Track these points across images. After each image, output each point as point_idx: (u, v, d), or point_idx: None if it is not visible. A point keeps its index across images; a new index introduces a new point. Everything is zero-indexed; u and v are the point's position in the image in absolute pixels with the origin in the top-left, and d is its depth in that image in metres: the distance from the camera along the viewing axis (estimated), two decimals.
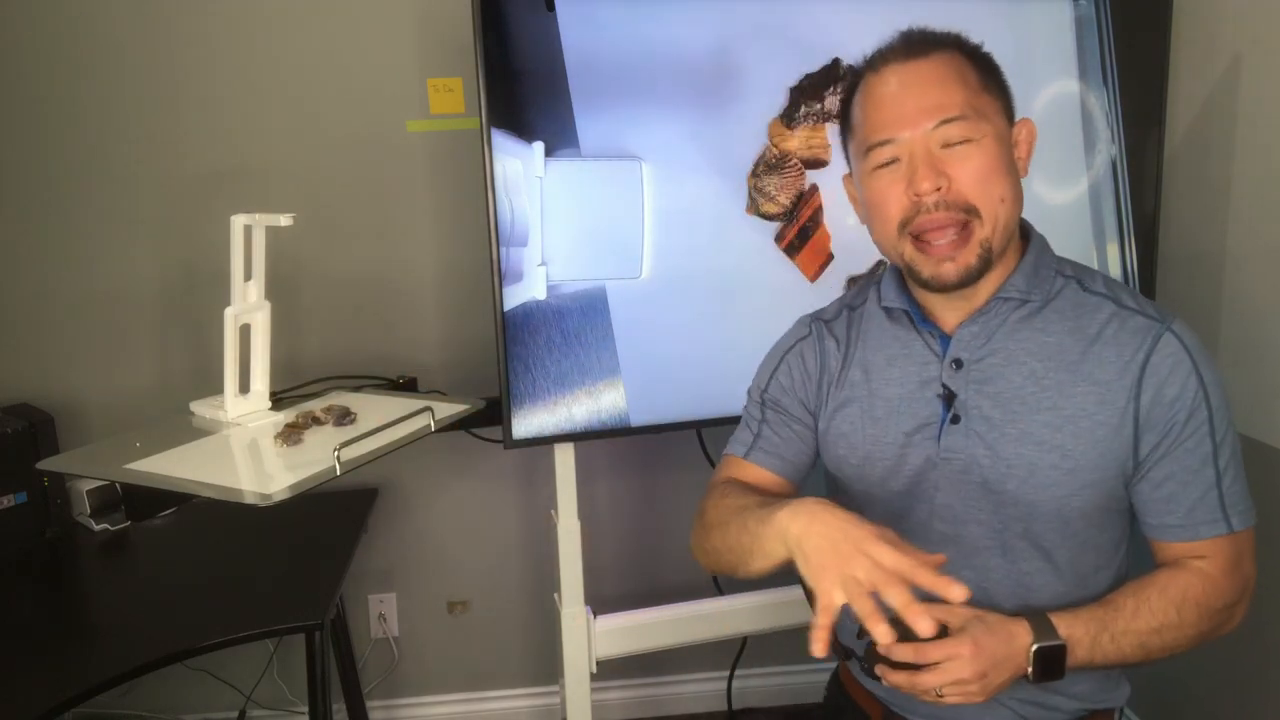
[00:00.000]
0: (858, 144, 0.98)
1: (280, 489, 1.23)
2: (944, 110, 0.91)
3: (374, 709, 2.23)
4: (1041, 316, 0.97)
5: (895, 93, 0.93)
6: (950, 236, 0.92)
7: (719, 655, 2.22)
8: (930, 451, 0.99)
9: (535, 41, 1.54)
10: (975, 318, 0.97)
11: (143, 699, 2.12)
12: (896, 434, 1.01)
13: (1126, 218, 1.83)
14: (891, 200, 0.94)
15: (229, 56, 1.93)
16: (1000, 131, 0.94)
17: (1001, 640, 0.89)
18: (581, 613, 1.81)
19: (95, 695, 1.33)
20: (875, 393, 1.03)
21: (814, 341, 1.11)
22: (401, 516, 2.16)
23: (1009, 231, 0.94)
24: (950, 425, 0.97)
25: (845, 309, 1.12)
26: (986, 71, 0.96)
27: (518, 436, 1.63)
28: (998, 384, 0.96)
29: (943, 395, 0.98)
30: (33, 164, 1.93)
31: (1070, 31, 1.74)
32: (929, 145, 0.91)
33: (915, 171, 0.91)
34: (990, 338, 0.97)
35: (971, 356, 0.97)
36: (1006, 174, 0.93)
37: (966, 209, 0.91)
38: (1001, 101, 0.96)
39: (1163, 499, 0.95)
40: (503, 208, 1.56)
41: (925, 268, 0.94)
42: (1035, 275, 0.97)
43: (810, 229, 1.70)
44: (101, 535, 1.85)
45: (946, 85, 0.92)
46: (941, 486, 0.99)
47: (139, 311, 2.01)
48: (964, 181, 0.91)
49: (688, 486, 2.18)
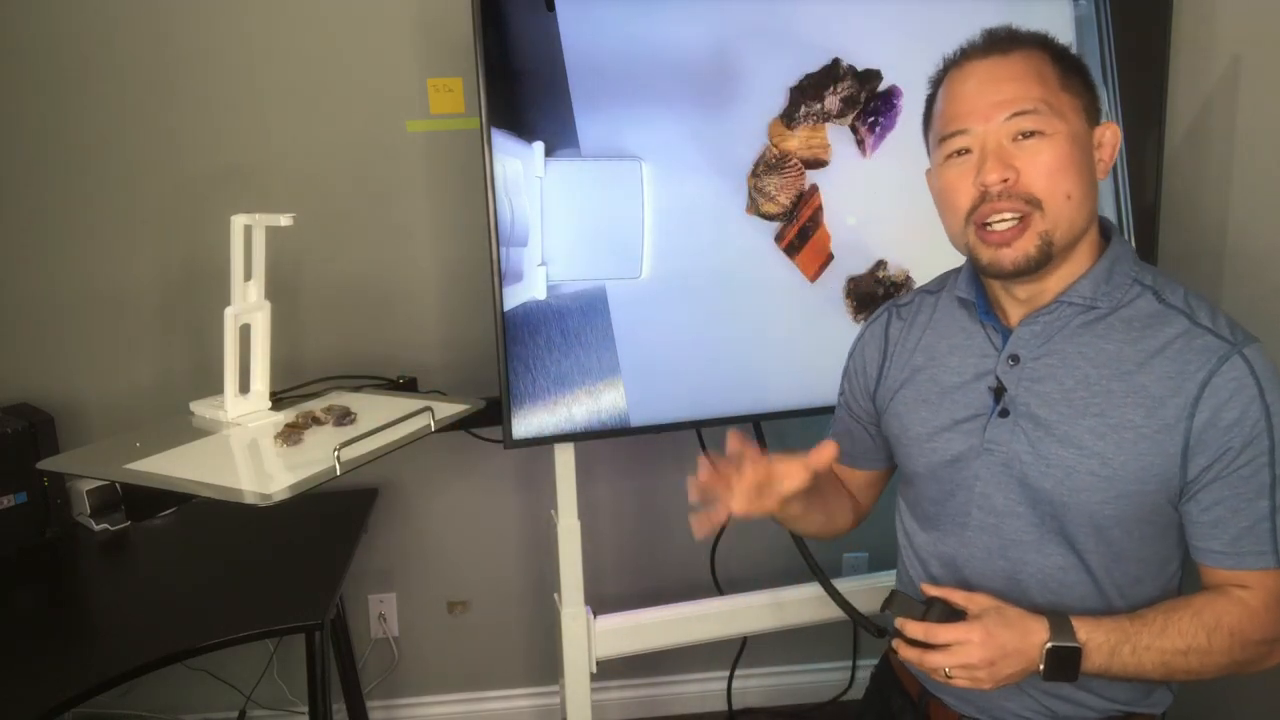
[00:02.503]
0: (934, 135, 1.00)
1: (280, 489, 1.23)
2: (1017, 104, 0.92)
3: (374, 709, 2.23)
4: (1105, 323, 0.97)
5: (973, 86, 0.95)
6: (1009, 223, 0.93)
7: (719, 655, 2.22)
8: (975, 441, 1.01)
9: (535, 41, 1.54)
10: (1037, 316, 0.98)
11: (143, 699, 2.12)
12: (947, 419, 1.03)
13: (1126, 216, 1.83)
14: (960, 190, 0.95)
15: (229, 56, 1.93)
16: (1076, 131, 0.94)
17: (1017, 634, 0.90)
18: (581, 613, 1.81)
19: (95, 695, 1.33)
20: (934, 378, 1.06)
21: (882, 326, 1.16)
22: (401, 516, 2.16)
23: (1075, 229, 0.95)
24: (998, 418, 0.99)
25: (922, 294, 1.15)
26: (1069, 71, 0.97)
27: (518, 436, 1.63)
28: (1049, 384, 0.97)
29: (994, 388, 1.00)
30: (33, 164, 1.93)
31: (1070, 31, 1.74)
32: (1000, 138, 0.93)
33: (984, 163, 0.93)
34: (1050, 338, 0.98)
35: (1029, 354, 0.99)
36: (1078, 172, 0.93)
37: (1029, 200, 0.92)
38: (1083, 101, 0.97)
39: (1209, 523, 0.95)
40: (503, 208, 1.56)
41: (984, 254, 0.95)
42: (1107, 282, 0.97)
43: (810, 229, 1.70)
44: (101, 535, 1.85)
45: (1023, 81, 0.93)
46: (982, 476, 1.01)
47: (139, 311, 2.01)
48: (1031, 174, 0.92)
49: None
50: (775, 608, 1.90)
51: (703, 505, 0.95)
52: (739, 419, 1.73)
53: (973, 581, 1.03)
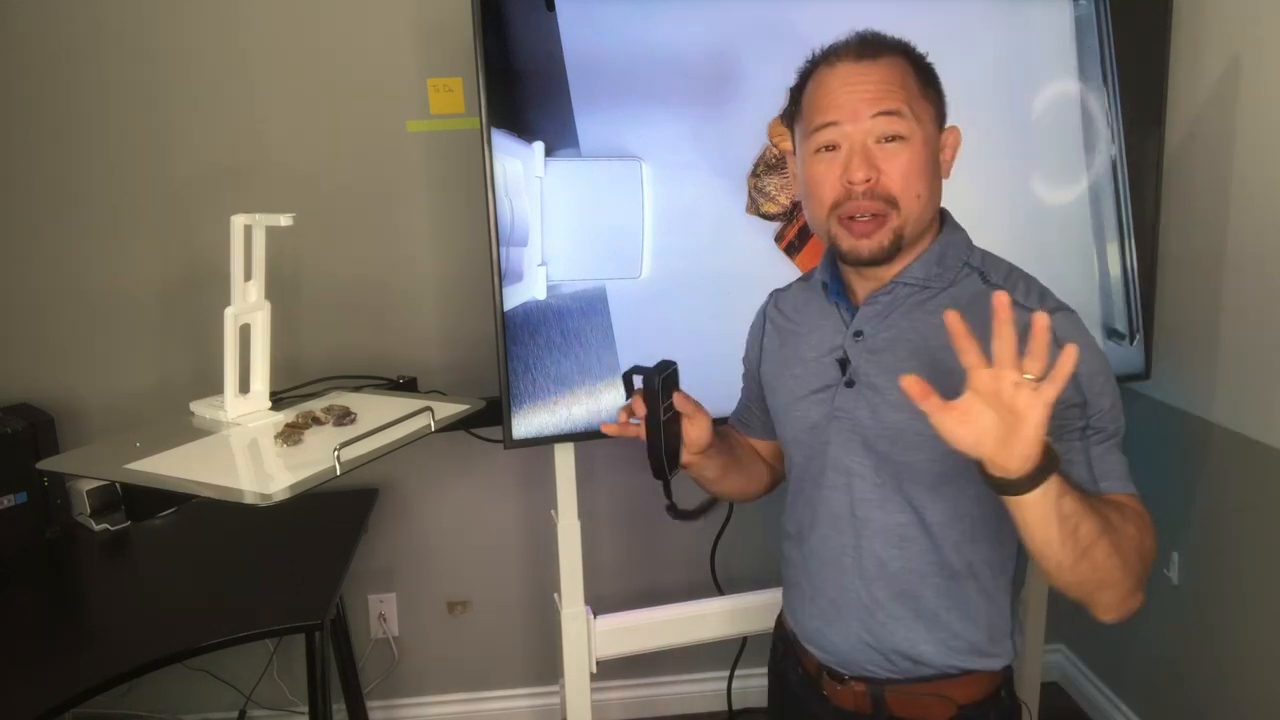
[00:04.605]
0: (804, 125, 1.08)
1: (280, 489, 1.23)
2: (884, 104, 1.02)
3: (374, 709, 2.23)
4: (935, 301, 1.07)
5: (843, 84, 1.04)
6: (869, 218, 1.04)
7: (719, 655, 2.22)
8: (827, 409, 1.11)
9: (535, 41, 1.54)
10: (877, 296, 1.09)
11: (143, 699, 2.12)
12: (805, 389, 1.15)
13: (1126, 218, 1.83)
14: (827, 184, 1.05)
15: (230, 56, 1.93)
16: (929, 136, 1.05)
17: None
18: (581, 613, 1.81)
19: (95, 695, 1.33)
20: (797, 353, 1.18)
21: (763, 310, 1.29)
22: (401, 516, 2.16)
23: (921, 223, 1.06)
24: (844, 388, 1.10)
25: (799, 282, 1.27)
26: (926, 79, 1.07)
27: (518, 436, 1.63)
28: (885, 356, 1.07)
29: (840, 359, 1.11)
30: (33, 164, 1.93)
31: (1070, 31, 1.74)
32: (866, 139, 1.02)
33: (851, 161, 1.02)
34: (888, 315, 1.09)
35: (870, 330, 1.09)
36: (928, 174, 1.05)
37: (888, 200, 1.03)
38: (935, 108, 1.07)
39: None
40: (503, 208, 1.56)
41: (844, 242, 1.06)
42: (939, 264, 1.08)
43: (810, 229, 1.69)
44: (101, 535, 1.85)
45: (890, 85, 1.03)
46: (833, 440, 1.11)
47: (139, 312, 2.01)
48: (891, 176, 1.02)
49: (687, 486, 2.18)
50: (775, 608, 1.90)
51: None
52: None
53: (816, 545, 1.15)
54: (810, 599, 1.17)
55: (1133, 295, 1.86)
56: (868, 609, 1.10)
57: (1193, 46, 1.80)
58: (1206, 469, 1.85)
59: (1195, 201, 1.83)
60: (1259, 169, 1.68)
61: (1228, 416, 1.78)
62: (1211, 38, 1.77)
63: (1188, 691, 1.93)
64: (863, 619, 1.10)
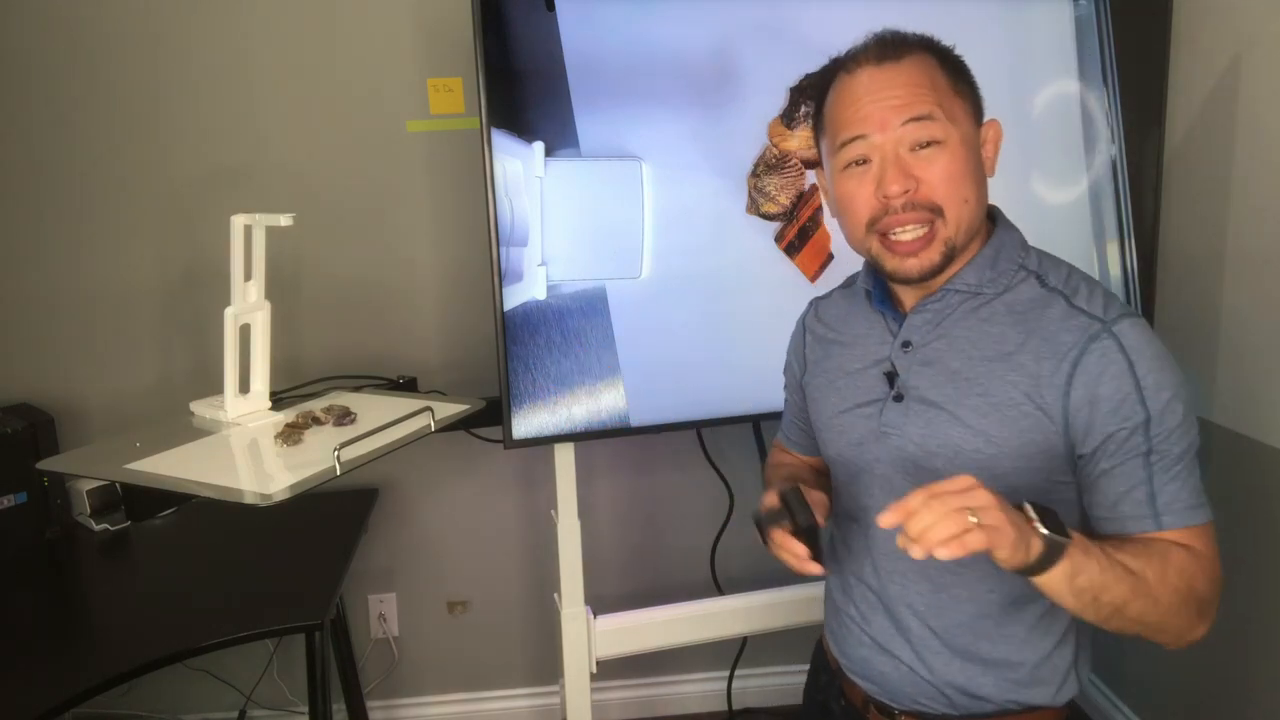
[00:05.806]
0: (830, 141, 1.01)
1: (280, 489, 1.23)
2: (913, 109, 0.94)
3: (374, 709, 2.23)
4: (990, 308, 0.99)
5: (867, 93, 0.96)
6: (916, 233, 0.95)
7: (719, 655, 2.22)
8: (874, 425, 1.04)
9: (535, 41, 1.54)
10: (927, 304, 1.02)
11: (143, 699, 2.12)
12: (850, 404, 1.07)
13: (1126, 218, 1.83)
14: (861, 200, 0.97)
15: (229, 56, 1.93)
16: (967, 134, 0.97)
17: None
18: (581, 613, 1.81)
19: (95, 695, 1.33)
20: (841, 365, 1.10)
21: (803, 320, 1.22)
22: (401, 516, 2.16)
23: (971, 230, 0.98)
24: (893, 402, 1.02)
25: (840, 289, 1.20)
26: (956, 74, 0.99)
27: (518, 436, 1.63)
28: (937, 368, 1.00)
29: (887, 373, 1.04)
30: (32, 164, 1.93)
31: (1070, 31, 1.74)
32: (898, 148, 0.94)
33: (885, 174, 0.95)
34: (939, 324, 1.01)
35: (920, 340, 1.02)
36: (972, 176, 0.96)
37: (932, 209, 0.95)
38: (970, 103, 0.99)
39: (1098, 493, 0.96)
40: (503, 208, 1.56)
41: (889, 262, 0.98)
42: (992, 268, 1.00)
43: (810, 229, 1.70)
44: (101, 535, 1.85)
45: (917, 87, 0.94)
46: (882, 458, 1.03)
47: (139, 311, 2.01)
48: (931, 184, 0.94)
49: (688, 486, 2.18)
50: (775, 608, 1.90)
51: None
52: (739, 419, 1.73)
53: (862, 572, 1.08)
54: (857, 627, 1.10)
55: (1132, 295, 1.86)
56: (921, 640, 1.03)
57: (1193, 46, 1.80)
58: (1206, 469, 1.85)
59: (1195, 201, 1.83)
60: (1259, 169, 1.68)
61: (1228, 416, 1.78)
62: (1211, 38, 1.77)
63: (1188, 692, 1.93)
64: (915, 651, 1.04)
